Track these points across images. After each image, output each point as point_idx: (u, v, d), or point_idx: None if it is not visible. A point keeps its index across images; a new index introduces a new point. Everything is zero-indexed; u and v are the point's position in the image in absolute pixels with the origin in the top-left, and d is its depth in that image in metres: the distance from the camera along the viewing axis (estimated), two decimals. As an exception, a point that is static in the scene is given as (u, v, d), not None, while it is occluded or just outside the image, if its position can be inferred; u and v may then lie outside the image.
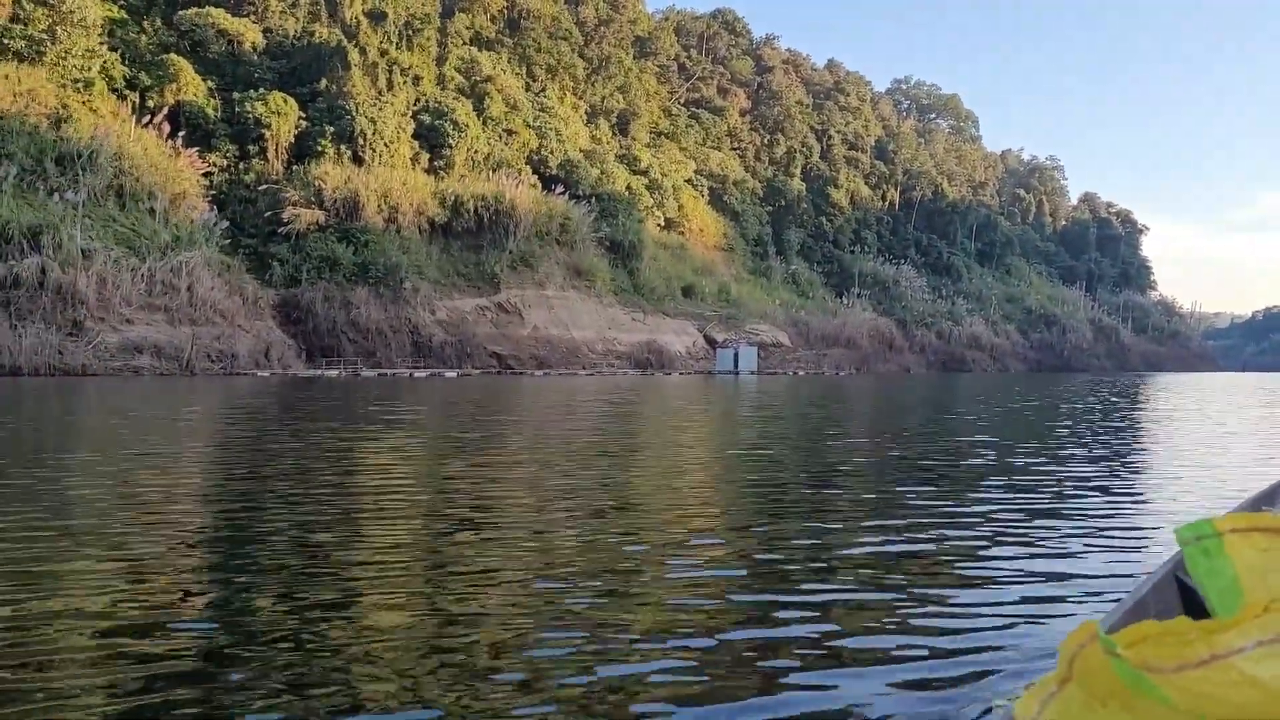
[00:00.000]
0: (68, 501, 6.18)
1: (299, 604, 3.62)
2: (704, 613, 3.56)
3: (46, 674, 2.82)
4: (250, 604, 3.64)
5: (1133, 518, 5.96)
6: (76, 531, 5.09)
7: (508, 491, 7.07)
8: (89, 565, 4.29)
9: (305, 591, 3.82)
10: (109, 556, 4.47)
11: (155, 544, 4.79)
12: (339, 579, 4.07)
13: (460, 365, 61.42)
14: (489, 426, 14.53)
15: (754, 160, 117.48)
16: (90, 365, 42.24)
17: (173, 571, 4.25)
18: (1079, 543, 5.01)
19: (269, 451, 9.83)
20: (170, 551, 4.66)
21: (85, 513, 5.72)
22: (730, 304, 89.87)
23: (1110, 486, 7.57)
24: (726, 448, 11.45)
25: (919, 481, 7.67)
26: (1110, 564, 4.52)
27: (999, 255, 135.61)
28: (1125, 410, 20.57)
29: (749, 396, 27.78)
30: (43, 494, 6.44)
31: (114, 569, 4.21)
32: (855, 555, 4.65)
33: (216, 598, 3.77)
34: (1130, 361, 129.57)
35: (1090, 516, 5.89)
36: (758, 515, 5.95)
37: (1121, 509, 6.34)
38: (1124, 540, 5.14)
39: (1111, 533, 5.34)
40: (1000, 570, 4.35)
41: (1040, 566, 4.43)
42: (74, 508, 5.92)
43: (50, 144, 51.57)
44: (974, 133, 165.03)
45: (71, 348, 42.66)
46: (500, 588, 3.91)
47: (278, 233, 62.28)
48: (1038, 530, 5.40)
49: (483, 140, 76.30)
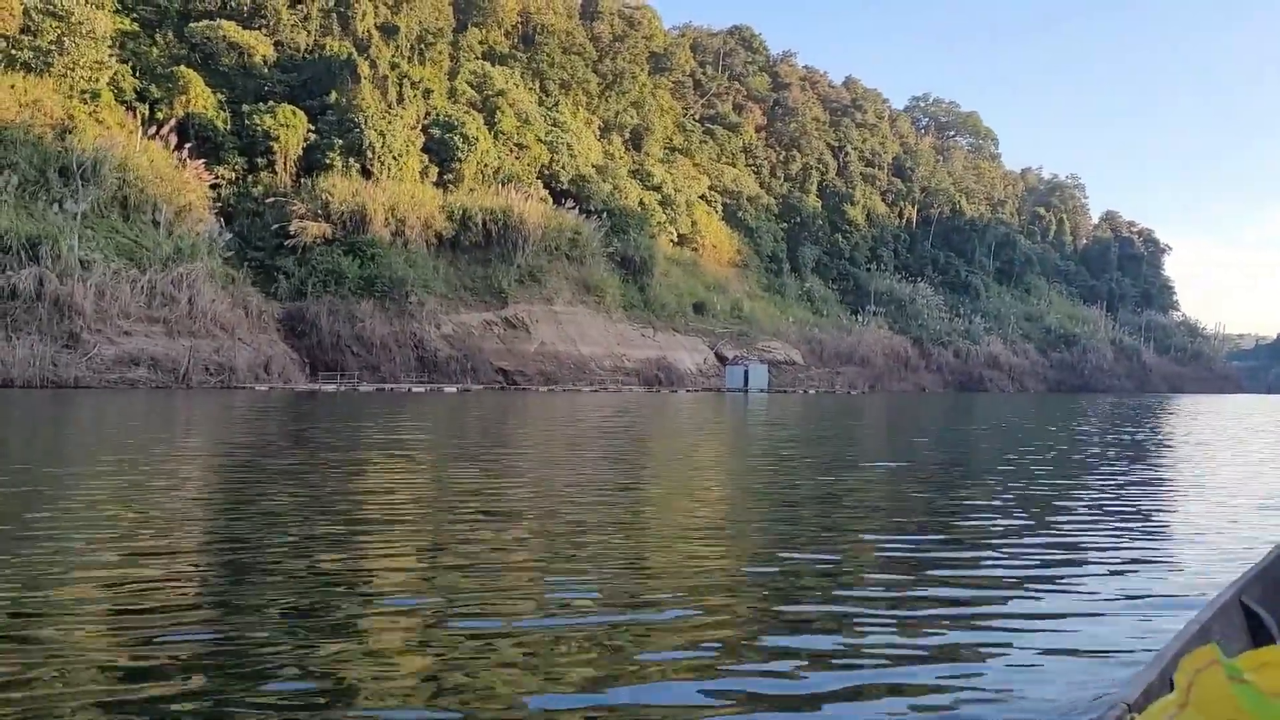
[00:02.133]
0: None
1: (301, 629, 3.59)
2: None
3: (52, 680, 2.92)
4: (253, 621, 3.69)
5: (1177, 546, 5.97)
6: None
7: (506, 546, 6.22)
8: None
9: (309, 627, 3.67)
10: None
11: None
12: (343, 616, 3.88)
13: (465, 381, 60.70)
14: (466, 457, 13.71)
15: (769, 176, 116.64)
16: (84, 377, 41.67)
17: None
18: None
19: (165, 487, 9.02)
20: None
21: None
22: (743, 321, 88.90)
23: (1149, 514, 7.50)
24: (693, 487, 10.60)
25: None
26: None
27: (1018, 274, 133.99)
28: (1166, 439, 19.58)
29: (738, 416, 26.88)
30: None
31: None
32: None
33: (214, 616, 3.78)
34: (1152, 382, 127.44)
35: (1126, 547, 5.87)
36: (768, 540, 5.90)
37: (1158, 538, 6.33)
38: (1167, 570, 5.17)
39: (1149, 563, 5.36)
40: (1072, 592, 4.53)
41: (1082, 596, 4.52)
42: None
43: (54, 155, 51.28)
44: (993, 150, 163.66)
45: (66, 359, 42.11)
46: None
47: (284, 245, 61.88)
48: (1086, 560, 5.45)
49: (493, 154, 75.79)
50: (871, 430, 20.78)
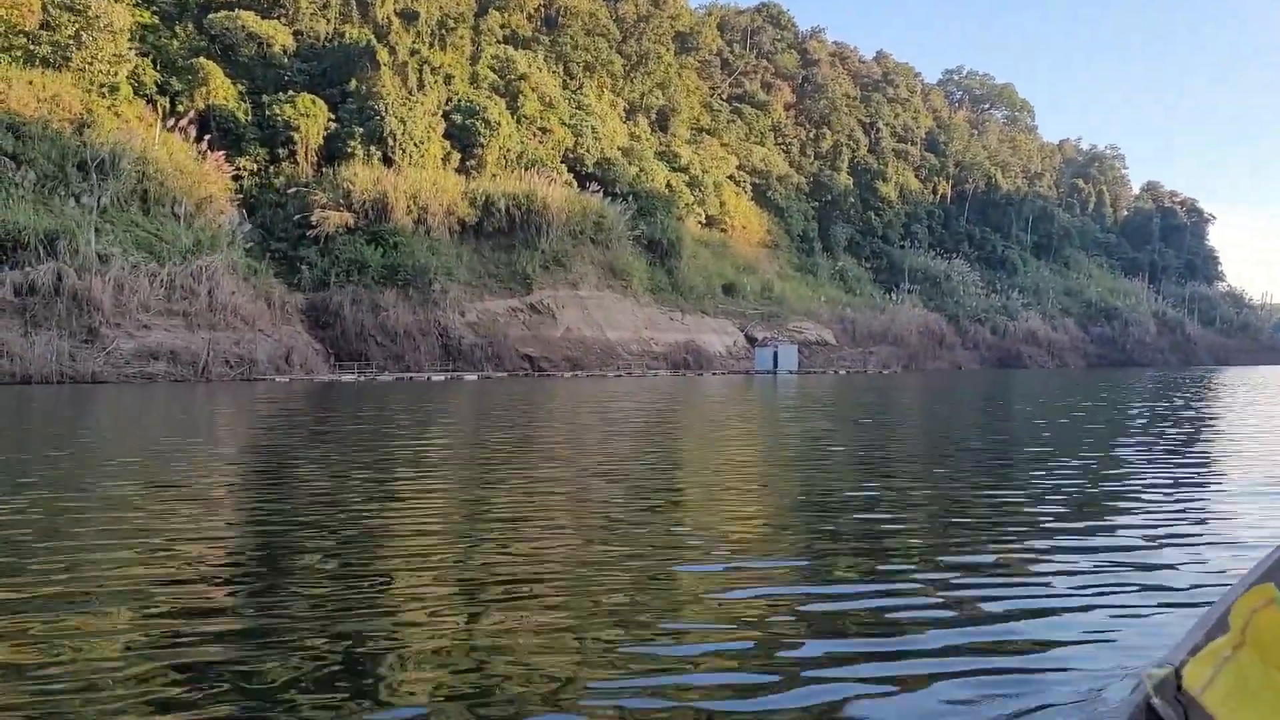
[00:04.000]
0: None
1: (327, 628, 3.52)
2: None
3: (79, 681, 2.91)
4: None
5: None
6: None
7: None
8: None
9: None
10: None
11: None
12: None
13: (491, 368, 60.04)
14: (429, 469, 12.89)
15: (799, 155, 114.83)
16: (101, 372, 41.36)
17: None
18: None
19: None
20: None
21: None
22: (773, 302, 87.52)
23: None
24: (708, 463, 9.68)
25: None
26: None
27: (1056, 248, 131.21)
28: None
29: (762, 403, 25.89)
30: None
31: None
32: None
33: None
34: (1197, 355, 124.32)
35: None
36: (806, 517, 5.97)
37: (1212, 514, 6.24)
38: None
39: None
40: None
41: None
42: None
43: (73, 149, 51.00)
44: (1030, 122, 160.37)
45: (84, 354, 41.82)
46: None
47: (306, 236, 61.45)
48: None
49: (515, 139, 74.89)
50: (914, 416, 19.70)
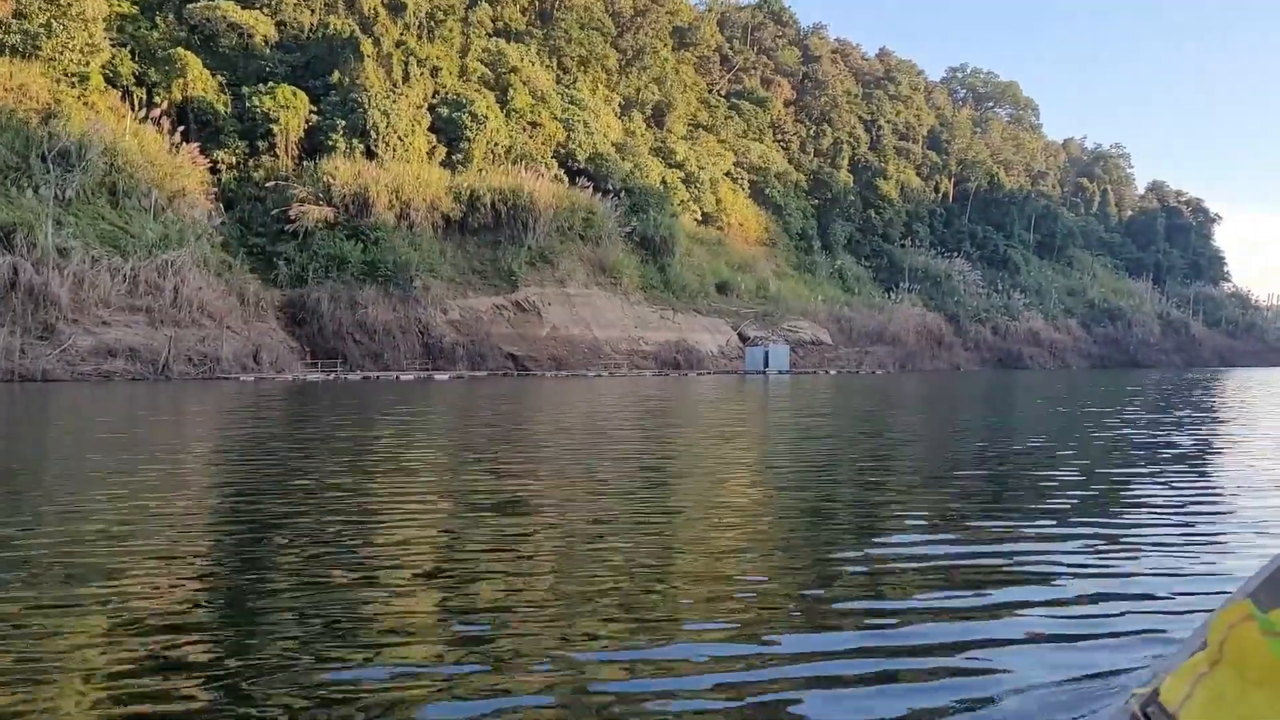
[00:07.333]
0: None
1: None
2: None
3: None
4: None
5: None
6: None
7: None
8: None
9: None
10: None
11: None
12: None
13: (473, 367, 58.36)
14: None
15: (799, 152, 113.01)
16: (53, 370, 39.66)
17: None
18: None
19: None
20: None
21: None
22: (768, 300, 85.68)
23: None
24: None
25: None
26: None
27: (1059, 247, 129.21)
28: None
29: (748, 406, 24.24)
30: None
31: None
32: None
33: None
34: (1202, 356, 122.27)
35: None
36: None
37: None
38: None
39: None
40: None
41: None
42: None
43: (38, 140, 49.36)
44: (1034, 121, 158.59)
45: (37, 352, 40.14)
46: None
47: (285, 231, 59.80)
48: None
49: (504, 133, 73.12)
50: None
